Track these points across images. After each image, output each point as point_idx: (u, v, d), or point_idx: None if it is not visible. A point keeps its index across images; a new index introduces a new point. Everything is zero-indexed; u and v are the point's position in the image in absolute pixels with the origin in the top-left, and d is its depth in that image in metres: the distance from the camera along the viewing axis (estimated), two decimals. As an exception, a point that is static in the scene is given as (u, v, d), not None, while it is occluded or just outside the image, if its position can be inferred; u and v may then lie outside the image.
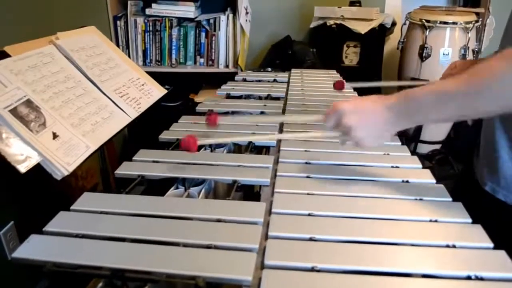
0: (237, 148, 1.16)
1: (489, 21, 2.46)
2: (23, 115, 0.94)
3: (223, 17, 2.45)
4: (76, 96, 1.12)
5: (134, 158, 0.99)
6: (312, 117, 1.02)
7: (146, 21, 2.48)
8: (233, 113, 1.37)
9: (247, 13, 2.48)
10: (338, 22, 2.51)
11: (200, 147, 0.99)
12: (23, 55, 1.07)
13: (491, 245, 0.67)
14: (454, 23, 2.29)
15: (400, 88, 0.81)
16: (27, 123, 0.94)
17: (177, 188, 0.92)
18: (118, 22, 2.47)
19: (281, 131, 1.17)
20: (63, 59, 1.19)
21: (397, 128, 0.77)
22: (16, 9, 1.57)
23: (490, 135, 0.95)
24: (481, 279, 0.60)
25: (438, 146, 2.53)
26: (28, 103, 0.98)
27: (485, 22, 2.44)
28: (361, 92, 1.33)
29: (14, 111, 0.93)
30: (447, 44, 2.32)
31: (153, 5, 2.46)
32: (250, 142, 1.08)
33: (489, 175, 0.96)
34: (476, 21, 2.33)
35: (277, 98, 1.51)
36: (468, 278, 0.60)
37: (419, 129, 2.44)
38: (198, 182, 0.93)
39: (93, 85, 1.21)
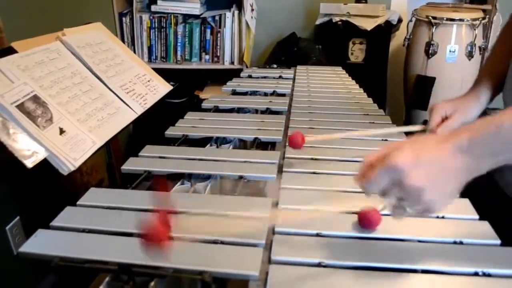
0: (243, 144, 1.16)
1: (496, 18, 2.44)
2: (30, 111, 0.95)
3: (228, 14, 2.44)
4: (83, 92, 1.13)
5: (140, 153, 0.99)
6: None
7: (151, 17, 2.48)
8: (238, 110, 1.37)
9: (252, 9, 2.48)
10: (343, 19, 2.50)
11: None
12: (30, 51, 1.07)
13: (499, 241, 0.67)
14: (460, 20, 2.28)
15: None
16: (34, 118, 0.94)
17: (183, 183, 0.92)
18: (123, 18, 2.47)
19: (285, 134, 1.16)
20: (69, 55, 1.19)
21: (473, 175, 0.56)
22: (22, 5, 1.58)
23: None
24: (489, 275, 0.60)
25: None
26: (35, 98, 0.98)
27: (492, 19, 2.42)
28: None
29: (21, 107, 0.93)
30: (454, 41, 2.30)
31: (159, 1, 2.46)
32: (256, 138, 1.08)
33: None
34: (483, 18, 2.31)
35: (283, 95, 1.51)
36: (476, 274, 0.60)
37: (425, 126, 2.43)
38: (204, 178, 0.93)
39: (99, 81, 1.21)
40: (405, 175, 0.53)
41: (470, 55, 2.28)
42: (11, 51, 1.04)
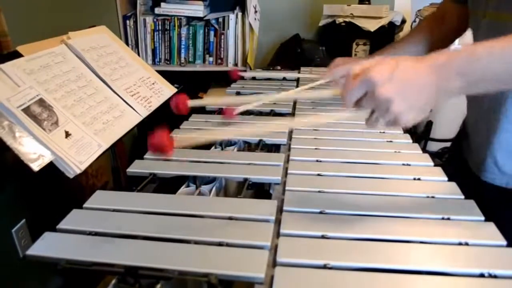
0: (247, 146, 1.16)
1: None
2: (36, 114, 0.95)
3: (232, 16, 2.45)
4: (88, 95, 1.13)
5: (145, 156, 0.99)
6: (326, 92, 0.85)
7: (155, 20, 2.49)
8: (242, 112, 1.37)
9: (256, 11, 2.48)
10: (347, 20, 2.50)
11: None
12: (35, 55, 1.08)
13: (504, 242, 0.67)
14: (464, 20, 2.27)
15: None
16: (40, 122, 0.95)
17: (188, 186, 0.92)
18: (127, 21, 2.48)
19: (290, 135, 1.16)
20: (74, 59, 1.20)
21: (445, 94, 0.63)
22: (27, 9, 1.59)
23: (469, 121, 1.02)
24: (495, 276, 0.60)
25: (448, 144, 2.51)
26: (41, 102, 0.98)
27: (496, 19, 2.42)
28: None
29: (27, 110, 0.94)
30: (457, 41, 2.29)
31: (162, 4, 2.46)
32: (260, 140, 1.08)
33: (473, 158, 1.02)
34: (487, 18, 2.31)
35: (287, 97, 1.51)
36: (481, 275, 0.60)
37: (429, 126, 2.42)
38: (209, 180, 0.93)
39: (104, 84, 1.21)
40: (378, 87, 0.59)
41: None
42: (16, 55, 1.05)
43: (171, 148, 0.64)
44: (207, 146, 1.10)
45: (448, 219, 0.74)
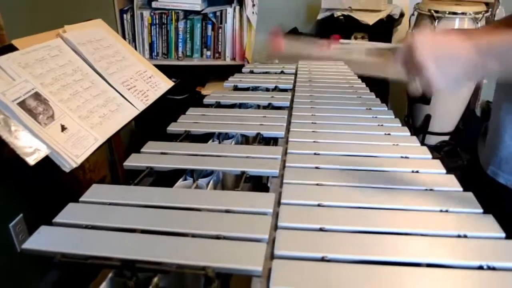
0: (245, 139, 1.16)
1: (499, 11, 2.43)
2: (32, 108, 0.95)
3: (229, 10, 2.44)
4: (84, 88, 1.12)
5: (142, 150, 0.99)
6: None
7: (152, 14, 2.48)
8: (240, 105, 1.37)
9: (253, 5, 2.47)
10: (345, 13, 2.49)
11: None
12: (30, 48, 1.07)
13: (503, 234, 0.67)
14: (463, 13, 2.27)
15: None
16: (36, 115, 0.94)
17: (185, 179, 0.91)
18: (124, 15, 2.47)
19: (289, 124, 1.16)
20: (70, 52, 1.19)
21: (482, 73, 0.73)
22: (23, 3, 1.58)
23: (497, 118, 0.95)
24: (493, 268, 0.60)
25: (446, 138, 2.51)
26: (37, 96, 0.98)
27: (495, 12, 2.41)
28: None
29: (22, 104, 0.93)
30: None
31: (159, -2, 2.46)
32: (258, 134, 1.08)
33: (491, 159, 0.97)
34: (486, 11, 2.30)
35: (285, 90, 1.51)
36: (480, 268, 0.60)
37: (427, 120, 2.42)
38: (207, 174, 0.93)
39: (100, 78, 1.21)
40: (417, 52, 0.66)
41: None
42: (11, 48, 1.04)
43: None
44: (204, 139, 1.10)
45: (447, 211, 0.73)
